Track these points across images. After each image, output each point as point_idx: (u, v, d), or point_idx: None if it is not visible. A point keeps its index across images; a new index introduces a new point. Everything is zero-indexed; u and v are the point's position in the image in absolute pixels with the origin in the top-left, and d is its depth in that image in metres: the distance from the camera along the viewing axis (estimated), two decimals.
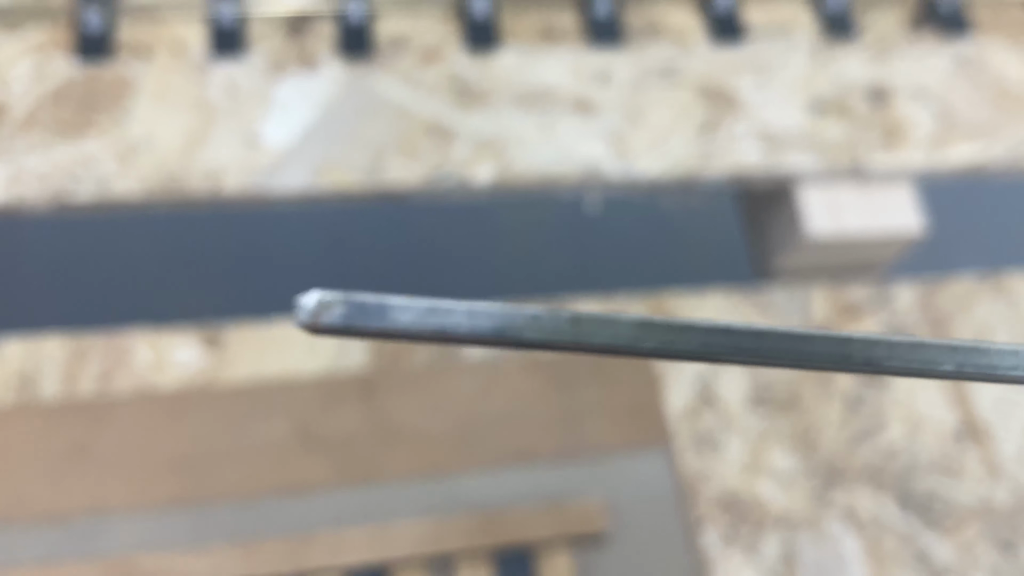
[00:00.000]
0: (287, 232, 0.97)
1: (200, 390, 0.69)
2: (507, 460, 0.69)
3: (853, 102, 0.80)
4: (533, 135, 0.76)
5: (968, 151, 0.79)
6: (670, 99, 0.78)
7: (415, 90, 0.77)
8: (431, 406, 0.70)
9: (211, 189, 0.71)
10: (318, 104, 0.75)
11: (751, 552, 0.68)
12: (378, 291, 0.33)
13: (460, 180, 0.73)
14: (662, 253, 1.01)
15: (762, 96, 0.79)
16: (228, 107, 0.74)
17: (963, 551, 0.70)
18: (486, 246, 1.02)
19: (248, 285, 0.90)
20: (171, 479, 0.66)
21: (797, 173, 0.77)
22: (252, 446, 0.68)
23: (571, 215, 1.01)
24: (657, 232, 1.03)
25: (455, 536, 0.64)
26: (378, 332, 0.28)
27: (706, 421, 0.73)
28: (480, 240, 1.02)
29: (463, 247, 1.01)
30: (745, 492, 0.70)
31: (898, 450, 0.73)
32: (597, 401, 0.71)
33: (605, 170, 0.75)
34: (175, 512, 0.65)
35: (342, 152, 0.73)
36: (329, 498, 0.66)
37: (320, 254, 0.98)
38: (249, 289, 0.90)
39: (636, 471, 0.69)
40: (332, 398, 0.70)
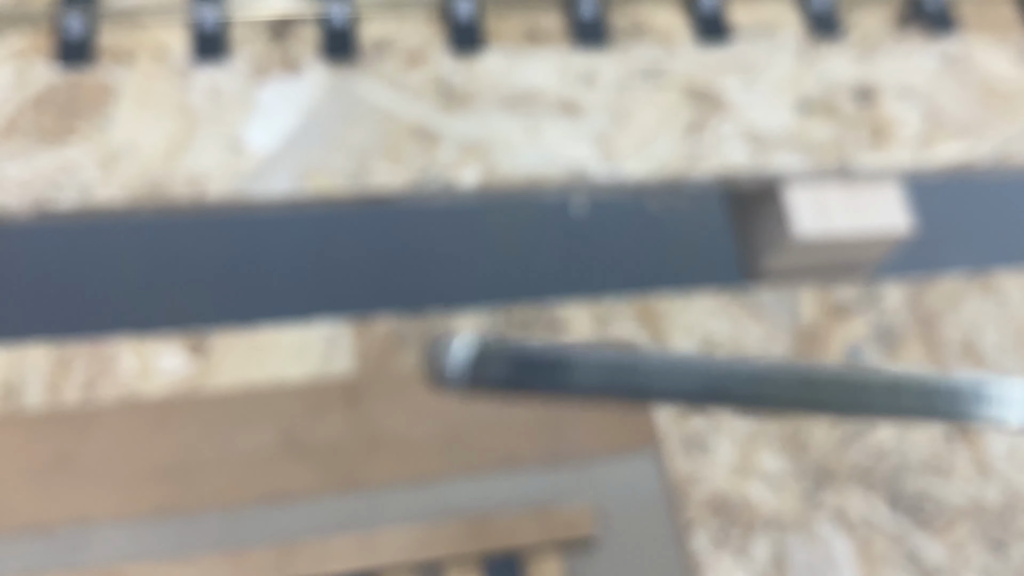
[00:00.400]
0: (272, 238, 0.96)
1: (185, 398, 0.69)
2: (494, 466, 0.68)
3: (840, 102, 0.80)
4: (518, 137, 0.75)
5: (955, 150, 0.79)
6: (656, 100, 0.78)
7: (399, 93, 0.76)
8: (417, 412, 0.70)
9: (194, 195, 0.71)
10: (302, 108, 0.75)
11: (741, 555, 0.68)
12: (366, 295, 0.31)
13: (445, 183, 0.73)
14: (650, 255, 1.01)
15: (748, 96, 0.79)
16: (211, 112, 0.74)
17: (954, 551, 0.70)
18: (473, 249, 1.02)
19: (233, 291, 0.90)
20: (156, 488, 0.66)
21: (784, 173, 0.76)
22: (237, 454, 0.67)
23: (558, 217, 1.01)
24: (645, 234, 1.03)
25: (442, 543, 0.64)
26: (550, 394, 0.25)
27: (695, 424, 0.72)
28: (467, 243, 1.01)
29: (450, 250, 1.01)
30: (735, 494, 0.70)
31: (888, 451, 0.73)
32: (584, 405, 0.71)
33: (591, 172, 0.75)
34: (160, 521, 0.65)
35: (326, 156, 0.73)
36: (315, 506, 0.66)
37: (306, 260, 0.98)
38: (234, 295, 0.90)
39: (624, 475, 0.69)
40: (317, 405, 0.69)
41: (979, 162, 0.79)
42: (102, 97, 0.74)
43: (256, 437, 0.68)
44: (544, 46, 0.80)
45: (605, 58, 0.80)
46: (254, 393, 0.69)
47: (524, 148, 0.75)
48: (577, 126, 0.76)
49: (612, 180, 0.75)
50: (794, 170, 0.76)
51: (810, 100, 0.80)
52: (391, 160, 0.73)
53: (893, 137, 0.79)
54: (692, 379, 0.26)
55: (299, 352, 0.72)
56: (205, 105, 0.74)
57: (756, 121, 0.78)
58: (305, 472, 0.67)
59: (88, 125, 0.72)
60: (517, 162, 0.74)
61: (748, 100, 0.79)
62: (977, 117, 0.81)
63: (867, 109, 0.80)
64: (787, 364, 0.27)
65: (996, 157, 0.80)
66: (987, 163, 0.80)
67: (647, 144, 0.76)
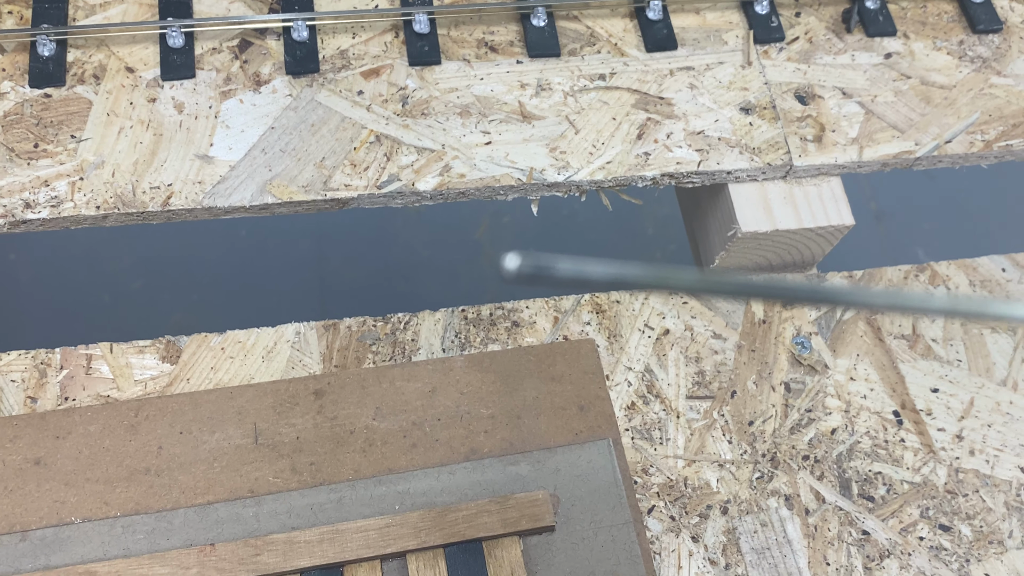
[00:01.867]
0: (242, 246, 0.99)
1: (157, 402, 0.71)
2: (456, 458, 0.71)
3: (784, 101, 0.83)
4: (476, 143, 0.78)
5: (896, 147, 0.82)
6: (608, 106, 0.81)
7: (359, 102, 0.79)
8: (380, 408, 0.72)
9: (162, 207, 0.73)
10: (265, 120, 0.77)
11: (697, 540, 0.71)
12: (333, 297, 0.38)
13: (405, 188, 0.75)
14: (608, 253, 1.03)
15: (695, 98, 0.82)
16: (177, 126, 0.76)
17: (904, 533, 0.73)
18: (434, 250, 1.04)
19: (204, 299, 0.92)
20: (129, 489, 0.68)
21: (731, 173, 0.79)
22: (208, 453, 0.69)
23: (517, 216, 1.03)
24: (602, 232, 1.05)
25: (407, 534, 0.66)
26: (559, 280, 0.37)
27: (652, 415, 0.75)
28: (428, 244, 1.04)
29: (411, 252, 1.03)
30: (691, 481, 0.73)
31: (839, 436, 0.76)
32: (543, 397, 0.74)
33: (547, 176, 0.77)
34: (133, 520, 0.67)
35: (289, 165, 0.76)
36: (282, 501, 0.68)
37: (277, 267, 1.00)
38: (206, 303, 0.92)
39: (582, 464, 0.71)
40: (284, 404, 0.72)
41: (917, 158, 0.83)
42: (72, 114, 0.76)
43: (226, 436, 0.70)
44: (499, 56, 0.83)
45: (558, 67, 0.83)
46: (224, 394, 0.72)
47: (480, 153, 0.78)
48: (531, 131, 0.79)
49: (567, 183, 0.78)
50: (740, 170, 0.79)
51: (755, 101, 0.83)
52: (352, 167, 0.76)
53: (835, 135, 0.82)
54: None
55: (268, 354, 0.74)
56: (171, 119, 0.77)
57: (703, 125, 0.81)
58: (273, 469, 0.69)
59: (58, 142, 0.75)
60: (473, 167, 0.77)
61: (695, 105, 0.82)
62: (915, 115, 0.84)
63: (810, 108, 0.83)
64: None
65: (935, 153, 0.83)
66: (926, 159, 0.83)
67: (599, 148, 0.79)
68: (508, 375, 0.74)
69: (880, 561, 0.72)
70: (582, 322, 0.78)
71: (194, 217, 0.74)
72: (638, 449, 0.74)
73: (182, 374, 0.73)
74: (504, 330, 0.78)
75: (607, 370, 0.76)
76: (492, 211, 1.14)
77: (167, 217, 0.74)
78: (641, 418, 0.75)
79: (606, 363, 0.77)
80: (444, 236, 1.00)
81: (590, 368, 0.76)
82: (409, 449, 0.71)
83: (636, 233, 1.03)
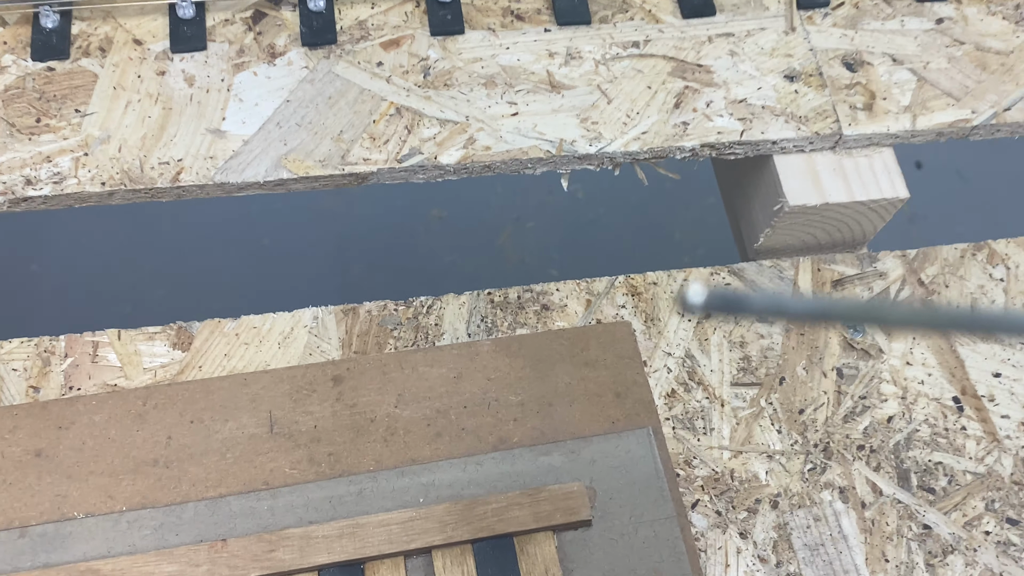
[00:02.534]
0: (257, 227, 0.95)
1: (167, 390, 0.67)
2: (483, 448, 0.66)
3: (831, 68, 0.78)
4: (502, 114, 0.73)
5: (951, 115, 0.77)
6: (642, 72, 0.76)
7: (379, 73, 0.75)
8: (403, 395, 0.67)
9: (171, 183, 0.69)
10: (280, 92, 0.73)
11: (745, 536, 0.65)
12: (351, 280, 0.33)
13: (427, 161, 0.71)
14: (643, 234, 0.98)
15: (737, 65, 0.77)
16: (187, 99, 0.72)
17: (968, 527, 0.67)
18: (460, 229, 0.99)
19: (217, 283, 0.88)
20: (136, 482, 0.64)
21: (776, 143, 0.74)
22: (219, 444, 0.65)
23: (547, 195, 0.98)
24: (637, 210, 1.00)
25: (432, 528, 0.62)
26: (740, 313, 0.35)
27: (694, 403, 0.70)
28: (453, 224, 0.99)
29: (436, 232, 0.98)
30: (738, 473, 0.67)
31: (896, 425, 0.70)
32: (576, 384, 0.69)
33: (578, 148, 0.73)
34: (139, 515, 0.62)
35: (305, 139, 0.71)
36: (299, 494, 0.63)
37: (290, 248, 0.96)
38: (218, 287, 0.88)
39: (620, 454, 0.66)
40: (301, 392, 0.67)
41: (974, 127, 0.77)
42: (78, 88, 0.72)
43: (239, 426, 0.66)
44: (527, 24, 0.78)
45: (589, 34, 0.78)
46: (237, 381, 0.67)
47: (507, 125, 0.73)
48: (562, 103, 0.74)
49: (599, 156, 0.73)
50: (786, 139, 0.74)
51: (799, 70, 0.78)
52: (371, 140, 0.72)
53: (885, 105, 0.77)
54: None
55: (284, 340, 0.70)
56: (181, 92, 0.73)
57: (745, 93, 0.76)
58: (289, 459, 0.65)
59: (62, 116, 0.71)
60: (500, 139, 0.72)
61: (736, 72, 0.77)
62: (971, 82, 0.79)
63: (859, 75, 0.78)
64: None
65: (991, 122, 0.77)
66: (982, 128, 0.78)
67: (634, 119, 0.74)
68: (538, 360, 0.70)
69: (944, 557, 0.66)
70: (616, 305, 0.73)
71: (205, 194, 0.70)
72: (680, 440, 0.68)
73: (194, 361, 0.69)
74: (533, 314, 0.73)
75: (645, 355, 0.71)
76: (515, 216, 1.09)
77: (177, 194, 0.70)
78: (683, 406, 0.70)
79: (643, 348, 0.71)
80: (465, 241, 0.95)
81: (627, 352, 0.71)
82: (434, 438, 0.66)
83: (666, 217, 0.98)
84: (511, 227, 1.05)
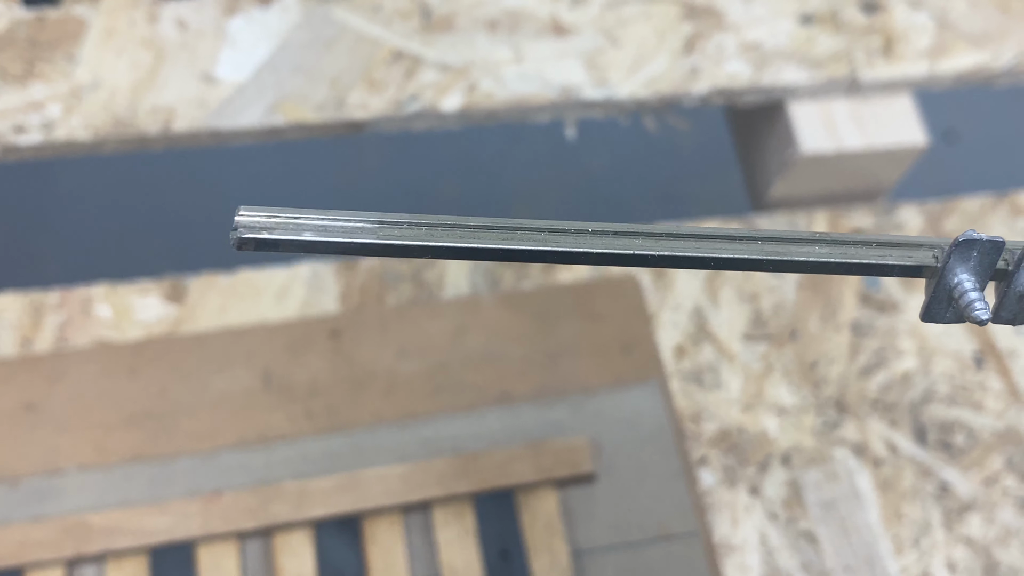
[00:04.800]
0: (248, 174, 0.92)
1: (161, 343, 0.65)
2: (486, 402, 0.64)
3: (846, 12, 0.75)
4: (505, 59, 0.71)
5: (972, 59, 0.74)
6: (650, 16, 0.74)
7: (377, 17, 0.72)
8: (403, 349, 0.65)
9: (163, 130, 0.67)
10: (274, 37, 0.71)
11: (755, 492, 0.63)
12: None
13: (427, 109, 0.69)
14: (652, 184, 0.96)
15: (749, 8, 0.74)
16: (180, 45, 0.70)
17: (987, 484, 0.65)
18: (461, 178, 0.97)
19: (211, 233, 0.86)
20: (129, 434, 0.62)
21: (789, 88, 0.71)
22: (214, 397, 0.63)
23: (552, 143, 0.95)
24: (645, 162, 0.98)
25: (431, 483, 0.60)
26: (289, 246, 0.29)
27: (703, 357, 0.67)
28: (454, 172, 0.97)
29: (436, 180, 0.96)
30: (748, 429, 0.65)
31: (913, 380, 0.68)
32: (582, 337, 0.66)
33: (584, 93, 0.70)
34: (132, 468, 0.61)
35: (300, 85, 0.69)
36: (295, 447, 0.62)
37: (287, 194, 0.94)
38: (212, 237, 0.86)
39: (626, 409, 0.64)
40: (298, 345, 0.65)
41: (998, 71, 0.74)
42: (67, 34, 0.70)
43: (234, 379, 0.64)
44: None
45: None
46: (232, 336, 0.65)
47: (511, 70, 0.70)
48: (567, 46, 0.72)
49: (607, 101, 0.70)
50: (800, 85, 0.71)
51: (815, 11, 0.75)
52: (368, 86, 0.69)
53: (905, 47, 0.74)
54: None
55: (280, 293, 0.68)
56: (174, 38, 0.70)
57: (758, 35, 0.73)
58: (285, 413, 0.63)
59: (53, 63, 0.69)
60: (503, 85, 0.70)
61: (749, 13, 0.74)
62: (995, 23, 0.75)
63: (876, 19, 0.75)
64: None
65: (1015, 66, 0.74)
66: (1007, 72, 0.74)
67: (642, 62, 0.72)
68: (543, 314, 0.67)
69: (961, 515, 0.64)
70: None
71: (197, 142, 0.68)
72: (688, 394, 0.66)
73: (188, 316, 0.67)
74: (539, 268, 0.70)
75: (653, 309, 0.69)
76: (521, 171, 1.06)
77: (168, 143, 0.68)
78: (691, 361, 0.68)
79: (652, 302, 0.69)
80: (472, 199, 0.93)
81: (633, 306, 0.68)
82: (434, 392, 0.64)
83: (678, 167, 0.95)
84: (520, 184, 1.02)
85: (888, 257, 0.30)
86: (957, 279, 0.29)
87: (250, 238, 0.29)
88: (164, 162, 0.80)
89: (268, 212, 0.29)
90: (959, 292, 0.29)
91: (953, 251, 0.29)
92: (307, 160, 0.97)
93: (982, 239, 0.29)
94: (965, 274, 0.29)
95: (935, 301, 0.30)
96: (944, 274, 0.29)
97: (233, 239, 0.29)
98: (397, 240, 0.29)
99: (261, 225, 0.29)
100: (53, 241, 0.88)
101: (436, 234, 0.29)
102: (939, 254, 0.30)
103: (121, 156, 0.69)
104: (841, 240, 0.31)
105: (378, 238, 0.29)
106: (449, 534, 0.59)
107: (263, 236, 0.29)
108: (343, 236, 0.29)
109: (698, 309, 0.69)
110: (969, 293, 0.29)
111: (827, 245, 0.30)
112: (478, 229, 0.30)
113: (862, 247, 0.31)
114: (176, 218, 0.88)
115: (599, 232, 0.30)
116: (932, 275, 0.30)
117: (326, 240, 0.29)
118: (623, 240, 0.30)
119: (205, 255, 0.72)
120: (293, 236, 0.29)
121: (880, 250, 0.30)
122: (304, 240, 0.29)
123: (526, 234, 0.30)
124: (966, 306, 0.28)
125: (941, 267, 0.29)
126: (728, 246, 0.30)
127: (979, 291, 0.29)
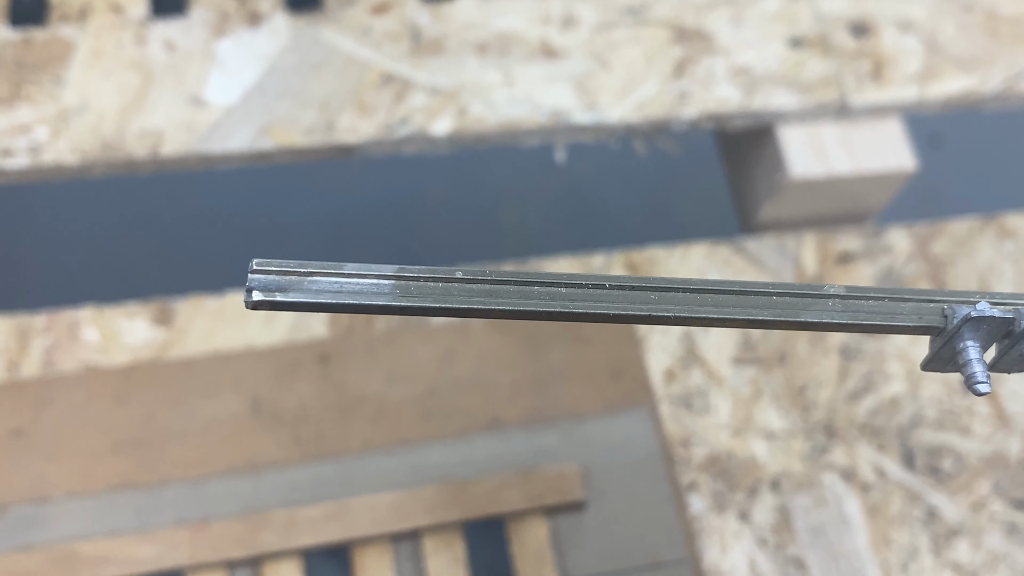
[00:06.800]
0: (240, 198, 0.92)
1: (148, 368, 0.65)
2: (475, 427, 0.64)
3: (836, 36, 0.75)
4: (495, 83, 0.71)
5: (961, 84, 0.74)
6: (640, 40, 0.74)
7: (367, 40, 0.72)
8: (392, 374, 0.65)
9: (151, 154, 0.67)
10: (263, 60, 0.71)
11: (744, 518, 0.63)
12: (340, 255, 0.30)
13: (417, 132, 0.68)
14: (642, 207, 0.96)
15: (738, 32, 0.74)
16: (168, 67, 0.70)
17: (975, 509, 0.65)
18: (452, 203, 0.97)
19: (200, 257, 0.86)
20: (116, 461, 0.62)
21: (779, 113, 0.72)
22: (202, 423, 0.63)
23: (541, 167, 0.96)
24: (635, 185, 0.98)
25: (421, 510, 0.60)
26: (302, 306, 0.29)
27: (693, 381, 0.68)
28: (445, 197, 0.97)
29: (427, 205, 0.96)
30: (737, 454, 0.65)
31: (901, 404, 0.68)
32: (571, 363, 0.66)
33: (574, 117, 0.70)
34: (119, 496, 0.61)
35: (289, 108, 0.69)
36: (284, 475, 0.61)
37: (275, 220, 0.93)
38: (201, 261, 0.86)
39: (617, 435, 0.64)
40: (286, 371, 0.65)
41: (986, 96, 0.75)
42: (55, 56, 0.70)
43: (222, 405, 0.64)
44: None
45: (584, 0, 0.75)
46: (220, 361, 0.65)
47: (500, 94, 0.70)
48: (557, 70, 0.72)
49: (597, 125, 0.70)
50: (789, 109, 0.71)
51: (804, 35, 0.75)
52: (358, 110, 0.69)
53: (894, 72, 0.74)
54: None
55: (269, 317, 0.68)
56: (162, 60, 0.70)
57: (747, 59, 0.73)
58: (274, 439, 0.63)
59: (40, 85, 0.68)
60: (493, 109, 0.70)
61: (738, 37, 0.74)
62: (983, 48, 0.76)
63: (865, 43, 0.75)
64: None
65: (1005, 90, 0.75)
66: (995, 97, 0.75)
67: (632, 86, 0.72)
68: (532, 338, 0.67)
69: (949, 540, 0.64)
70: None
71: (186, 167, 0.68)
72: (677, 419, 0.66)
73: (176, 340, 0.67)
74: None
75: (642, 332, 0.69)
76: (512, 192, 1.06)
77: (156, 167, 0.67)
78: (681, 385, 0.68)
79: (641, 325, 0.69)
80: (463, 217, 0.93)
81: (623, 330, 0.68)
82: (423, 418, 0.64)
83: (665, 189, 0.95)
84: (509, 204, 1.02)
85: (898, 317, 0.30)
86: (963, 345, 0.29)
87: (264, 300, 0.28)
88: (151, 183, 0.79)
89: (281, 267, 0.29)
90: (963, 360, 0.29)
91: (964, 325, 0.29)
92: (295, 171, 0.97)
93: (994, 316, 0.29)
94: (971, 342, 0.29)
95: (938, 359, 0.30)
96: (951, 339, 0.30)
97: (248, 302, 0.29)
98: (416, 302, 0.29)
99: (276, 286, 0.29)
100: (39, 263, 0.87)
101: (452, 291, 0.29)
102: (949, 313, 0.30)
103: (108, 178, 0.68)
104: (854, 296, 0.31)
105: (395, 300, 0.29)
106: (439, 563, 0.59)
107: (277, 298, 0.28)
108: (360, 299, 0.29)
109: (688, 333, 0.70)
110: (973, 364, 0.29)
111: (841, 300, 0.31)
112: (495, 284, 0.30)
113: (874, 301, 0.31)
114: (163, 240, 0.87)
115: (616, 286, 0.30)
116: (938, 334, 0.30)
117: (342, 303, 0.29)
118: (639, 295, 0.30)
119: (193, 277, 0.72)
120: (309, 299, 0.29)
121: (891, 305, 0.31)
122: (320, 303, 0.29)
123: (543, 289, 0.30)
124: (968, 375, 0.29)
125: (950, 333, 0.30)
126: (742, 302, 0.30)
127: (983, 363, 0.29)
